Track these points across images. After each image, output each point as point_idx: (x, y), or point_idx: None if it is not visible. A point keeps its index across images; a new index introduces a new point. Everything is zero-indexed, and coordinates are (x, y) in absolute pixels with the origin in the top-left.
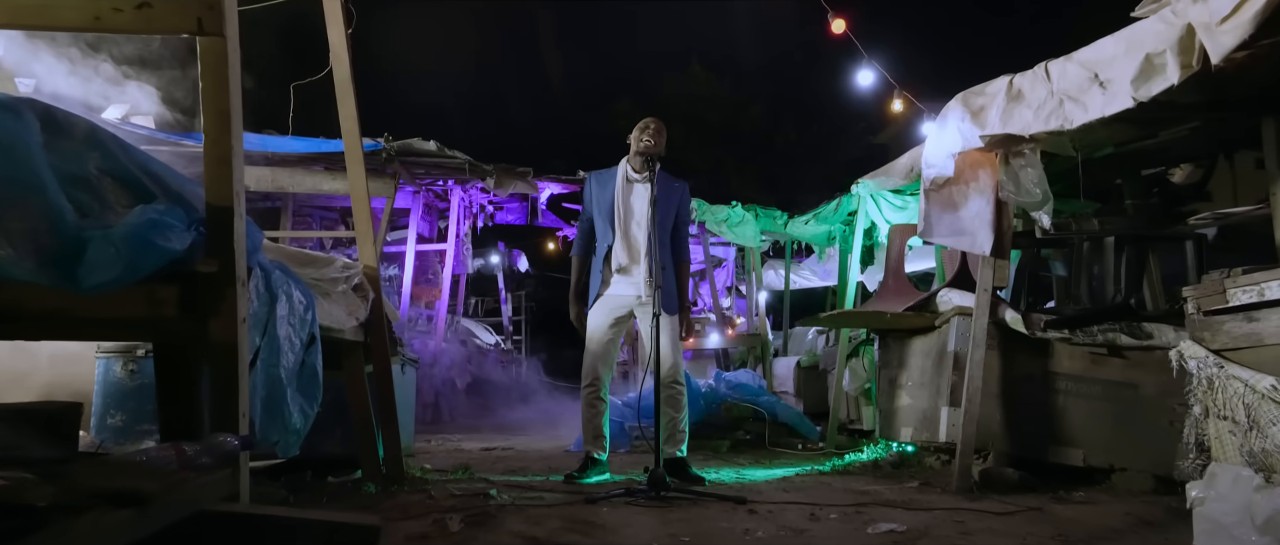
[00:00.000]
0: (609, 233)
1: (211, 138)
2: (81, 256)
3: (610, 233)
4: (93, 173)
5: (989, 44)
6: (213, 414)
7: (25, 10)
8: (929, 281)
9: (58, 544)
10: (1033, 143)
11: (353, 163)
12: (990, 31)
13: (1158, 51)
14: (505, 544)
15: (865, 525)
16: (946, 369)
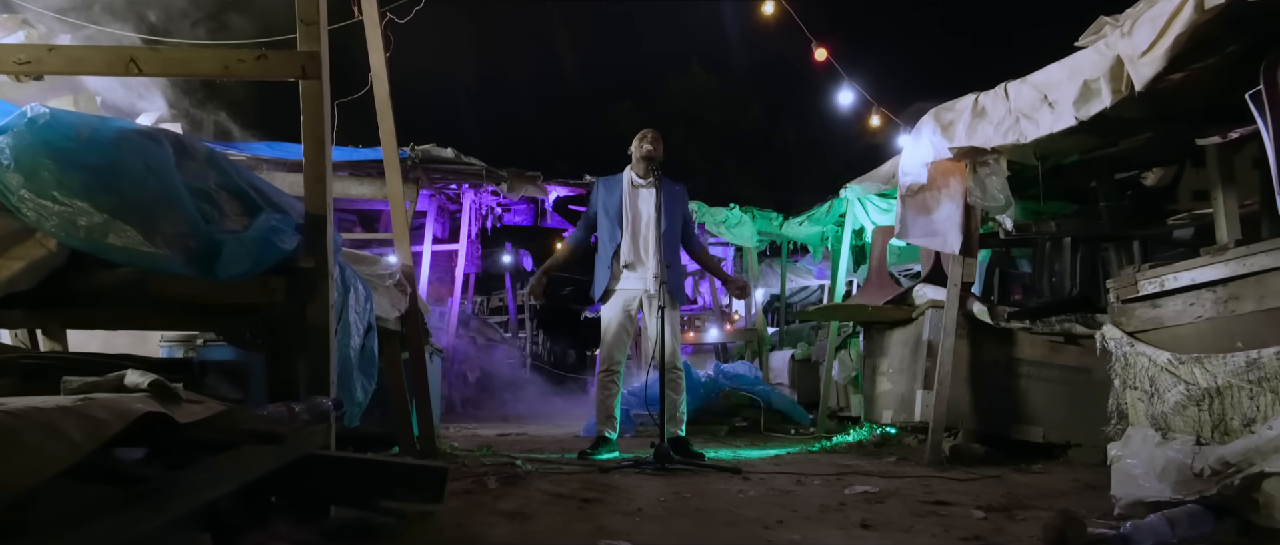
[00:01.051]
0: (618, 233)
1: (310, 160)
2: (218, 254)
3: (619, 232)
4: (212, 187)
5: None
6: (308, 381)
7: (175, 62)
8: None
9: (239, 462)
10: (996, 153)
11: (391, 172)
12: (954, 54)
13: (1094, 78)
14: (536, 499)
15: (843, 488)
16: (921, 356)
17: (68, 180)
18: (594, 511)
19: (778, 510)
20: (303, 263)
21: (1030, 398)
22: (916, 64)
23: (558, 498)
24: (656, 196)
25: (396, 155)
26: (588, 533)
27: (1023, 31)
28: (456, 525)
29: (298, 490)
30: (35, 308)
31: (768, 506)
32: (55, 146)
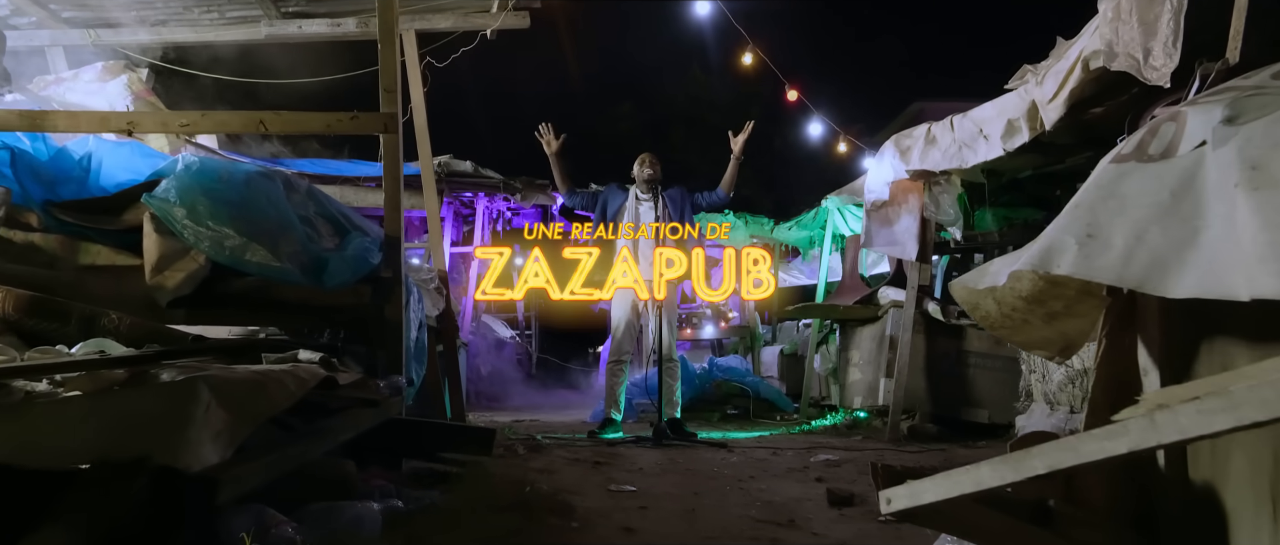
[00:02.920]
0: (624, 239)
1: (389, 193)
2: (326, 267)
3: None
4: (312, 215)
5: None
6: (386, 363)
7: (292, 123)
8: None
9: (353, 419)
10: (947, 174)
11: (428, 189)
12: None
13: (1016, 117)
14: (557, 461)
15: (810, 457)
16: (885, 349)
17: (216, 212)
18: (604, 470)
19: (752, 470)
20: (383, 273)
21: (977, 384)
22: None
23: (574, 461)
24: (657, 209)
25: (432, 175)
26: (600, 481)
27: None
28: (501, 474)
29: (381, 446)
30: (192, 308)
31: (745, 468)
32: (205, 186)
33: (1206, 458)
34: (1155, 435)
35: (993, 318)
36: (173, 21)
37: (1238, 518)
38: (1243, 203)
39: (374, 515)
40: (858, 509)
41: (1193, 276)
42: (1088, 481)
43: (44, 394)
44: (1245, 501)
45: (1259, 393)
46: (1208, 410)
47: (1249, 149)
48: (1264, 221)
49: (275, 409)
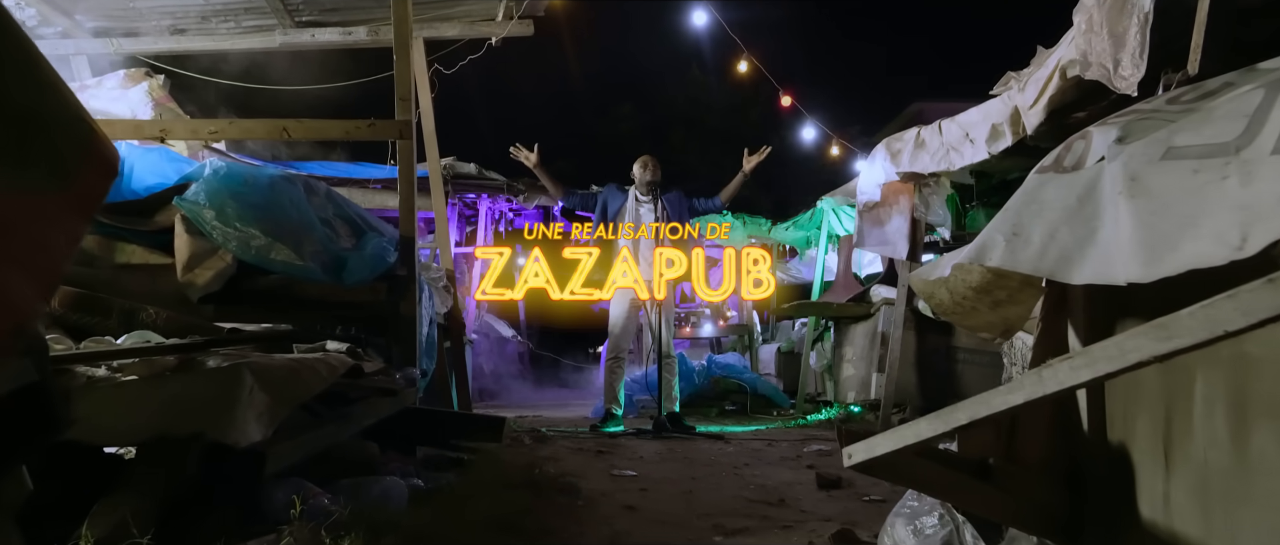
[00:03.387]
0: (624, 240)
1: (404, 195)
2: (345, 266)
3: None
4: (331, 216)
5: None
6: (401, 356)
7: (313, 130)
8: None
9: (374, 407)
10: (937, 176)
11: (436, 191)
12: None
13: (999, 122)
14: (562, 450)
15: (803, 447)
16: (877, 345)
17: (242, 214)
18: (607, 458)
19: (748, 458)
20: (398, 271)
21: (966, 379)
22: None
23: (578, 451)
24: (656, 210)
25: (441, 178)
26: (603, 467)
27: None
28: (510, 460)
29: (398, 432)
30: (221, 304)
31: (740, 457)
32: (232, 189)
33: (1120, 421)
34: (1041, 387)
35: (945, 305)
36: (192, 31)
37: (1141, 470)
38: (1123, 208)
39: (401, 488)
40: (845, 491)
41: (1090, 267)
42: (1026, 443)
43: (103, 379)
44: (1146, 456)
45: (1106, 350)
46: (1076, 366)
47: (1131, 164)
48: (1136, 223)
49: (310, 393)
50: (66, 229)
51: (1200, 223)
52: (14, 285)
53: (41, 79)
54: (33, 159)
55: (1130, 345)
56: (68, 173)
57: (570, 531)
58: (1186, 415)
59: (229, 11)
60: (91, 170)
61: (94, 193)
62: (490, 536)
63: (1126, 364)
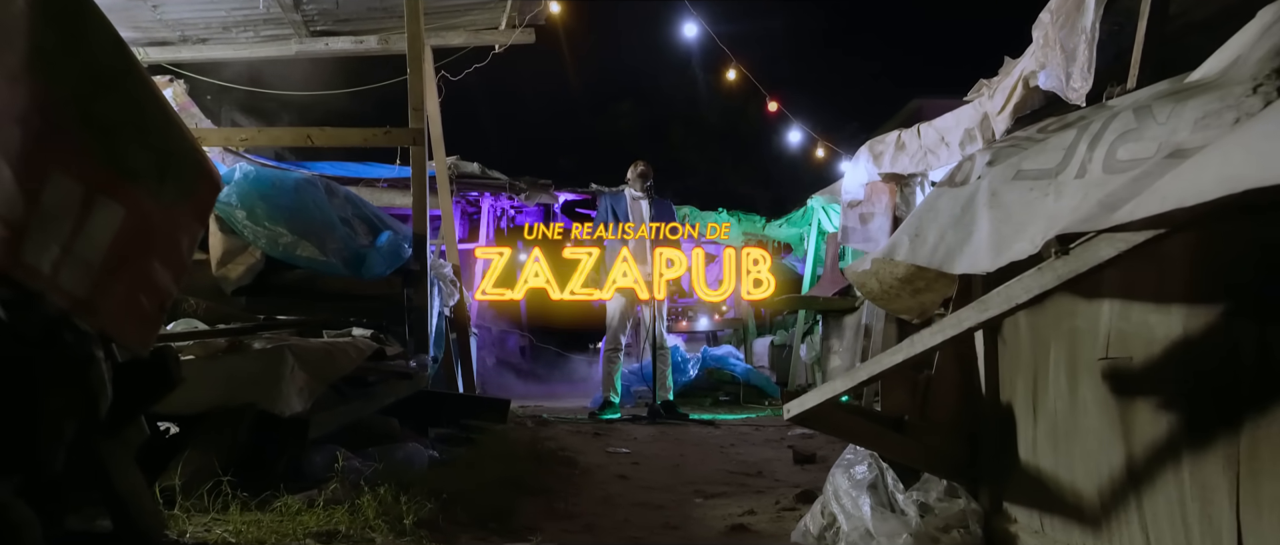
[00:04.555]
0: (619, 243)
1: (417, 196)
2: (365, 261)
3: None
4: (350, 216)
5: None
6: (415, 343)
7: (335, 137)
8: None
9: (393, 387)
10: (916, 177)
11: (443, 191)
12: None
13: (971, 127)
14: (562, 432)
15: (786, 432)
16: (861, 337)
17: (271, 213)
18: (603, 439)
19: (734, 440)
20: (412, 266)
21: None
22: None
23: (577, 433)
24: (649, 209)
25: (447, 179)
26: (600, 446)
27: None
28: (515, 438)
29: (412, 413)
30: (252, 296)
31: (728, 439)
32: (261, 191)
33: (1008, 384)
34: (912, 348)
35: (875, 292)
36: (214, 40)
37: (1020, 422)
38: (985, 215)
39: (423, 453)
40: (818, 466)
41: (966, 260)
42: (936, 405)
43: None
44: (1023, 410)
45: (948, 320)
46: (932, 331)
47: (993, 182)
48: (991, 228)
49: (341, 372)
50: (190, 232)
51: (1026, 227)
52: (160, 275)
53: (171, 122)
54: (170, 182)
55: (964, 315)
56: (190, 190)
57: (568, 491)
58: (1046, 376)
59: (249, 22)
60: (204, 186)
61: (207, 203)
62: (499, 492)
63: (962, 329)
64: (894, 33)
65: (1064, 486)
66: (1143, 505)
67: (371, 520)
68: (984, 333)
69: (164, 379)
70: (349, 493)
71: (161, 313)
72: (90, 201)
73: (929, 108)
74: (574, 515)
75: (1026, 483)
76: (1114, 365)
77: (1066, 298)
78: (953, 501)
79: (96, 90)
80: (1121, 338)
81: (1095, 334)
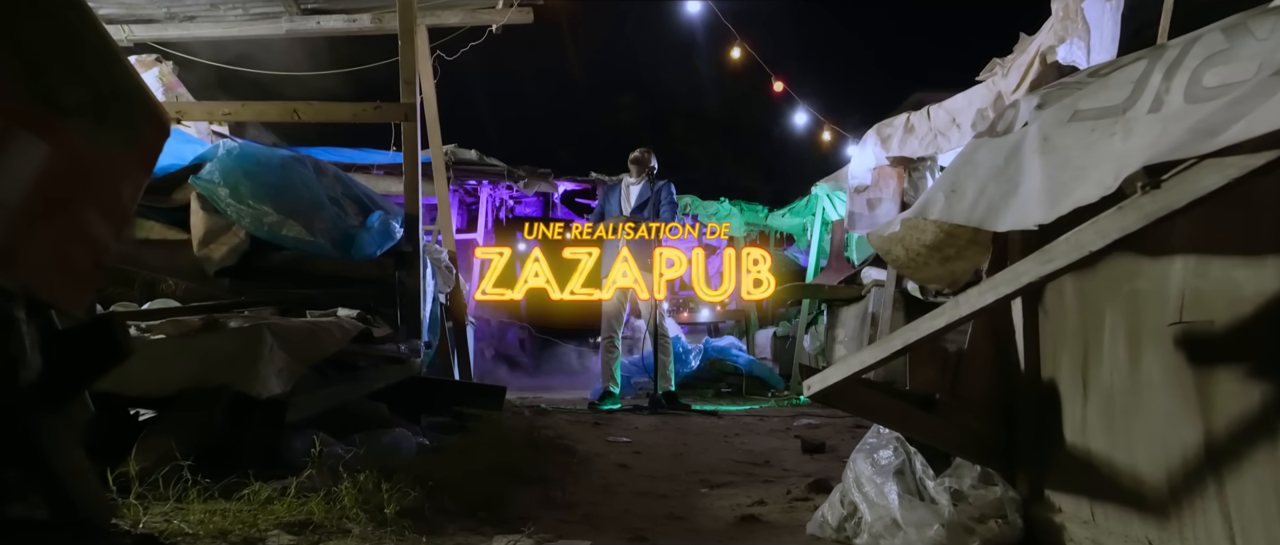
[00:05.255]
0: (618, 243)
1: (408, 175)
2: (354, 242)
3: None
4: (340, 195)
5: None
6: (406, 328)
7: (323, 112)
8: None
9: (382, 372)
10: (924, 161)
11: (438, 171)
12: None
13: (984, 107)
14: (561, 422)
15: (792, 421)
16: (867, 326)
17: (256, 192)
18: (603, 428)
19: (739, 430)
20: (404, 247)
21: None
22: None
23: (577, 423)
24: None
25: (443, 160)
26: (600, 435)
27: None
28: (511, 427)
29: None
30: (236, 278)
31: (732, 429)
32: (245, 168)
33: (1049, 359)
34: (958, 310)
35: (902, 260)
36: (202, 17)
37: (1066, 399)
38: (1036, 163)
39: (410, 440)
40: (827, 455)
41: (1012, 215)
42: (969, 382)
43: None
44: (1069, 387)
45: (1003, 276)
46: (981, 290)
47: (1044, 126)
48: (1044, 175)
49: (325, 353)
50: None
51: (1089, 171)
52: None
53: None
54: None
55: (1022, 270)
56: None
57: (566, 480)
58: (1098, 347)
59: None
60: (151, 130)
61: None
62: (492, 480)
63: (1019, 285)
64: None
65: (1121, 471)
66: (1225, 490)
67: (349, 509)
68: (1022, 301)
69: (112, 350)
70: (326, 480)
71: (97, 269)
72: (6, 136)
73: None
74: (571, 504)
75: (1073, 467)
76: (1189, 330)
77: (1125, 257)
78: (988, 488)
79: (23, 14)
80: (1198, 298)
81: (1164, 296)
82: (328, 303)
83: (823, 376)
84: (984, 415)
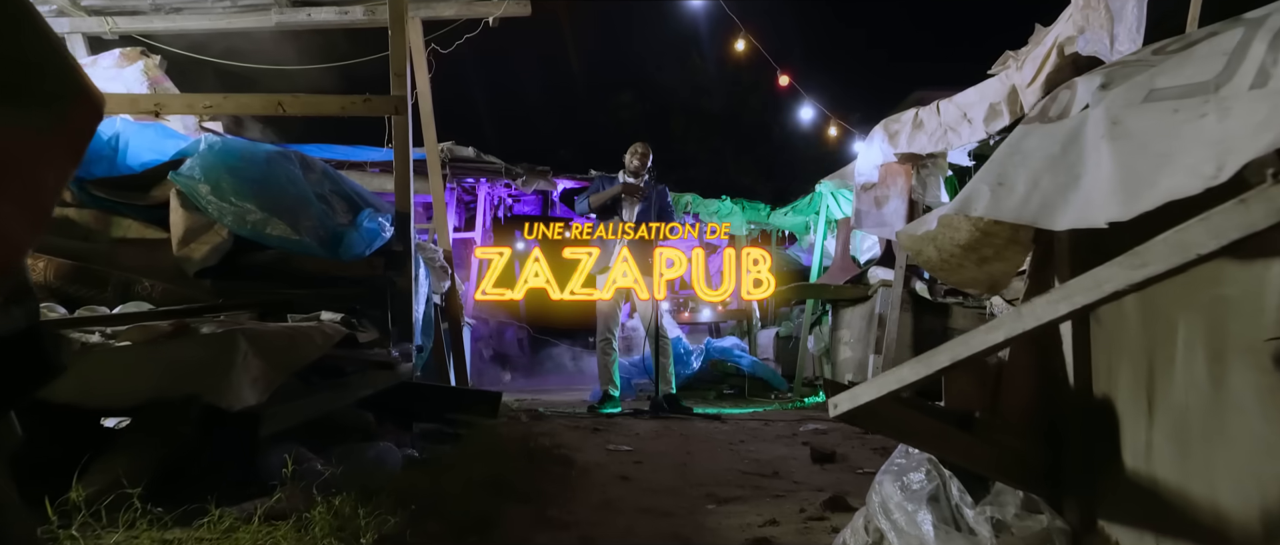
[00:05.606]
0: (618, 243)
1: (399, 172)
2: (342, 240)
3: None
4: (327, 192)
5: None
6: (397, 331)
7: (310, 104)
8: None
9: (370, 379)
10: (933, 157)
11: (433, 173)
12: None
13: (997, 102)
14: (559, 428)
15: (799, 426)
16: (874, 326)
17: (238, 188)
18: (603, 435)
19: (743, 436)
20: (395, 247)
21: None
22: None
23: (575, 428)
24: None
25: (438, 157)
26: (599, 442)
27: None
28: (507, 434)
29: (394, 406)
30: (218, 278)
31: (736, 435)
32: (228, 164)
33: (1104, 373)
34: (1020, 323)
35: (933, 262)
36: (188, 9)
37: (1125, 419)
38: (1104, 150)
39: (395, 453)
40: (838, 465)
41: (1072, 212)
42: (1010, 397)
43: (98, 345)
44: (1129, 405)
45: (1082, 283)
46: (1053, 299)
47: (1112, 108)
48: (1116, 164)
49: (305, 361)
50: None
51: (1176, 158)
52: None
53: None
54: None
55: (1105, 276)
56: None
57: (563, 496)
58: (1168, 362)
59: None
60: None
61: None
62: (482, 497)
63: (1102, 294)
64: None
65: (1198, 504)
66: None
67: (320, 539)
68: None
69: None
70: (299, 502)
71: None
72: None
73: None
74: (569, 524)
75: (1134, 496)
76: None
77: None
78: (1033, 518)
79: None
80: None
81: (1258, 305)
82: (313, 305)
83: (852, 395)
84: (1026, 434)
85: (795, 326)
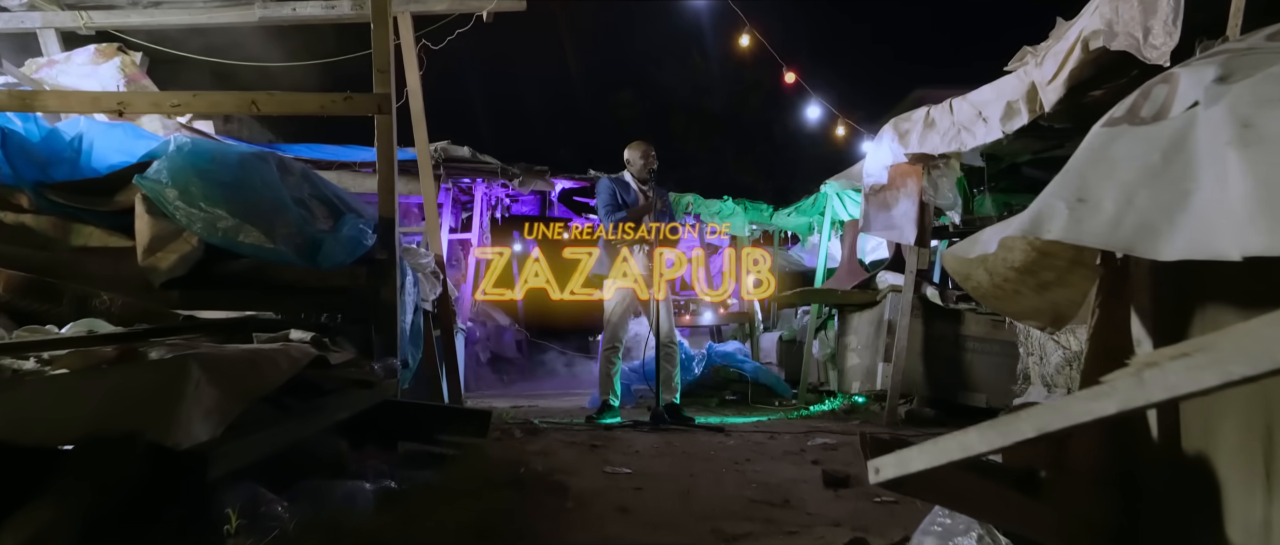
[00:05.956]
0: (621, 244)
1: (383, 175)
2: (320, 248)
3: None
4: (307, 197)
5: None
6: (381, 346)
7: (285, 103)
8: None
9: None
10: (946, 158)
11: (424, 174)
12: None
13: (1015, 99)
14: (554, 444)
15: (806, 440)
16: (883, 333)
17: (209, 193)
18: (600, 452)
19: (749, 453)
20: (378, 255)
21: (975, 369)
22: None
23: (571, 444)
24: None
25: (429, 159)
26: (596, 463)
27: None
28: (497, 456)
29: (376, 428)
30: (186, 289)
31: (741, 451)
32: (197, 167)
33: (1198, 428)
34: (1143, 394)
35: (984, 288)
36: (167, 4)
37: (1229, 487)
38: (1233, 161)
39: (366, 493)
40: (853, 490)
41: (1183, 239)
42: (1078, 454)
43: (31, 373)
44: (1237, 471)
45: (1246, 347)
46: (1197, 366)
47: (1240, 107)
48: (1255, 179)
49: (267, 387)
50: None
51: None
52: None
53: None
54: None
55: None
56: None
57: (555, 537)
58: None
59: None
60: None
61: None
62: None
63: (1275, 365)
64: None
65: None
66: None
67: None
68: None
69: None
70: None
71: None
72: None
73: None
74: None
75: None
76: None
77: None
78: None
79: None
80: None
81: None
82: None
83: (901, 460)
84: (1094, 492)
85: (799, 330)
